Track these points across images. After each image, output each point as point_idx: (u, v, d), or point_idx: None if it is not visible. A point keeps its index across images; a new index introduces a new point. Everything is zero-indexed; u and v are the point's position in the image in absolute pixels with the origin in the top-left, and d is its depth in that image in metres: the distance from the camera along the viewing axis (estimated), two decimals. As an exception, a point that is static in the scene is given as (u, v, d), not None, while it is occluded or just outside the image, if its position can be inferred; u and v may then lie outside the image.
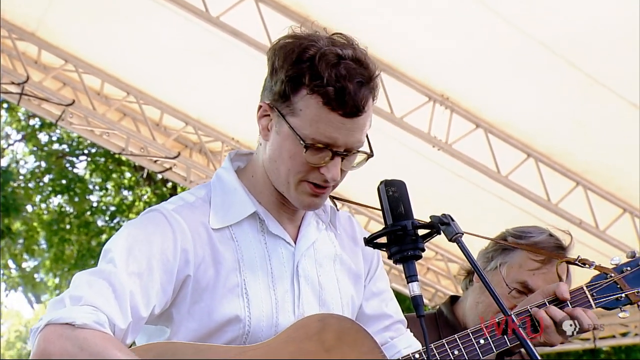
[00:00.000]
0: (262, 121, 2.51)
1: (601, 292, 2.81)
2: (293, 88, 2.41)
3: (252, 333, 2.47)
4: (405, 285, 2.36)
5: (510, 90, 7.38)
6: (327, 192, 2.52)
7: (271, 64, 2.47)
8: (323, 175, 2.45)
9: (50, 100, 9.66)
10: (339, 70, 2.37)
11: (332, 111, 2.38)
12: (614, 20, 6.28)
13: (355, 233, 2.78)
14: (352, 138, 2.43)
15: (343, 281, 2.68)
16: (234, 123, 9.61)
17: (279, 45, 2.47)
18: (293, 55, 2.41)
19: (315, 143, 2.40)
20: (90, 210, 19.46)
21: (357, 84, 2.38)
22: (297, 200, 2.52)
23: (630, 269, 2.86)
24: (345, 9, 7.10)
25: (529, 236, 3.39)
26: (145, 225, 2.48)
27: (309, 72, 2.38)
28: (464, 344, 2.61)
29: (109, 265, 2.37)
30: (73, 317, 2.24)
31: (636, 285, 2.83)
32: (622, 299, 2.82)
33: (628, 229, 8.14)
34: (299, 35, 2.47)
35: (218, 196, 2.57)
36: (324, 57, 2.38)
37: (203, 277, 2.46)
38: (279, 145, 2.47)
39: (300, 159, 2.43)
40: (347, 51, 2.41)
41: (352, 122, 2.40)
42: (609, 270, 2.85)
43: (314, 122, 2.39)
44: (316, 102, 2.38)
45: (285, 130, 2.43)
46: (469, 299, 3.50)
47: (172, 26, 8.02)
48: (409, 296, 2.33)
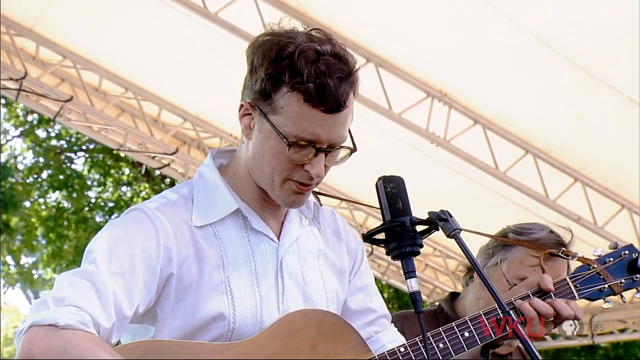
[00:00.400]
0: (244, 120, 2.51)
1: (584, 283, 2.82)
2: (273, 86, 2.41)
3: (237, 330, 2.47)
4: (404, 281, 2.37)
5: (508, 87, 7.37)
6: (311, 189, 2.52)
7: (250, 62, 2.47)
8: (307, 172, 2.44)
9: (48, 96, 9.65)
10: (318, 66, 2.37)
11: (314, 108, 2.38)
12: (613, 17, 6.28)
13: (339, 228, 2.78)
14: (335, 133, 2.42)
15: (327, 276, 2.68)
16: (232, 119, 9.50)
17: (257, 42, 2.47)
18: (272, 52, 2.41)
19: (298, 140, 2.40)
20: (89, 206, 19.46)
21: (337, 80, 2.38)
22: (280, 199, 2.51)
23: (613, 259, 2.88)
24: (343, 5, 7.10)
25: (530, 233, 3.40)
26: (127, 224, 2.47)
27: (288, 70, 2.38)
28: (448, 336, 2.62)
29: (91, 266, 2.36)
30: (57, 317, 2.24)
31: (619, 276, 2.85)
32: (605, 289, 2.83)
33: (626, 225, 8.15)
34: (277, 32, 2.47)
35: (200, 194, 2.57)
36: (302, 54, 2.38)
37: (187, 275, 2.46)
38: (261, 143, 2.46)
39: (283, 157, 2.43)
40: (325, 47, 2.41)
41: (334, 117, 2.40)
42: (591, 262, 2.86)
43: (296, 120, 2.39)
44: (297, 99, 2.38)
45: (268, 129, 2.43)
46: (470, 295, 3.51)
47: (170, 22, 8.02)
48: (408, 292, 2.33)
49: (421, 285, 10.67)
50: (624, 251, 2.91)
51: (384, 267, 11.32)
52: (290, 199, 2.51)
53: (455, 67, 7.39)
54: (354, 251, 2.79)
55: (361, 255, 2.81)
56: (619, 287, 2.84)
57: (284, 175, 2.46)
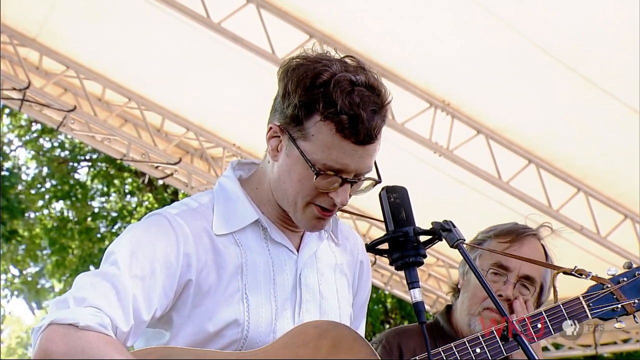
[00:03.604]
0: (272, 142, 2.51)
1: (598, 302, 2.82)
2: (306, 113, 2.41)
3: (250, 338, 2.48)
4: (407, 291, 2.36)
5: (511, 96, 7.37)
6: (332, 215, 2.53)
7: (283, 86, 2.47)
8: (332, 199, 2.46)
9: (51, 106, 9.67)
10: (352, 97, 2.38)
11: (345, 139, 2.39)
12: (615, 26, 6.28)
13: (355, 245, 2.79)
14: (363, 164, 2.44)
15: (342, 291, 2.70)
16: (235, 129, 9.61)
17: (291, 66, 2.47)
18: (306, 80, 2.41)
19: (326, 169, 2.41)
20: (92, 216, 19.46)
21: (370, 112, 2.40)
22: (302, 222, 2.53)
23: (627, 279, 2.87)
24: (346, 15, 7.11)
25: (497, 227, 3.45)
26: (148, 228, 2.49)
27: (322, 99, 2.38)
28: (460, 352, 2.62)
29: (112, 268, 2.38)
30: (77, 318, 2.25)
31: (632, 296, 2.85)
32: (618, 309, 2.83)
33: (629, 235, 8.14)
34: (311, 58, 2.47)
35: (221, 203, 2.58)
36: (338, 84, 2.38)
37: (205, 282, 2.48)
38: (288, 167, 2.47)
39: (309, 183, 2.44)
40: (360, 77, 2.42)
41: (364, 149, 2.42)
42: (605, 281, 2.86)
43: (326, 149, 2.40)
44: (329, 128, 2.39)
45: (296, 154, 2.44)
46: (458, 305, 3.52)
47: (173, 32, 8.03)
48: (411, 302, 2.33)
49: (424, 295, 10.64)
50: (638, 271, 2.90)
51: (387, 277, 11.31)
52: (311, 223, 2.52)
53: (458, 77, 7.40)
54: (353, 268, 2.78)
55: (359, 271, 2.80)
56: (632, 307, 2.85)
57: (307, 199, 2.47)
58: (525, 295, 3.33)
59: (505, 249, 3.31)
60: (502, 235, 3.38)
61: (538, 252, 3.38)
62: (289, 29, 7.22)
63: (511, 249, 3.33)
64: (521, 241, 3.35)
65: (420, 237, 2.43)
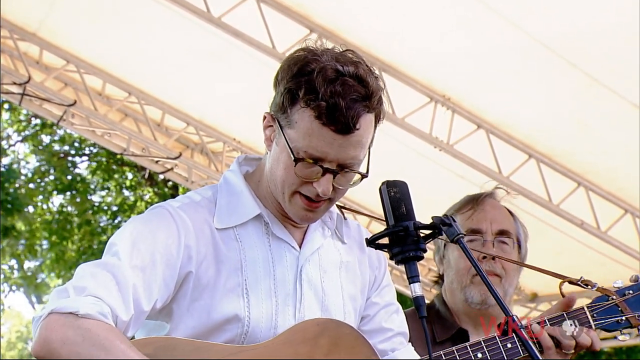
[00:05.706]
0: (266, 131, 2.54)
1: (602, 313, 2.82)
2: (291, 101, 2.43)
3: (251, 333, 2.49)
4: (407, 286, 2.37)
5: (512, 91, 7.37)
6: (322, 207, 2.53)
7: (276, 75, 2.50)
8: (315, 189, 2.45)
9: (51, 101, 9.67)
10: (334, 86, 2.38)
11: (324, 126, 2.39)
12: (615, 21, 6.28)
13: (363, 241, 2.76)
14: (344, 154, 2.43)
15: (348, 289, 2.68)
16: (236, 123, 9.61)
17: (288, 57, 2.50)
18: (295, 68, 2.44)
19: (306, 157, 2.41)
20: (92, 210, 19.46)
21: (350, 101, 2.39)
22: (292, 212, 2.53)
23: (633, 292, 2.86)
24: (346, 10, 7.11)
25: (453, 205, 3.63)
26: (150, 220, 2.51)
27: (305, 86, 2.40)
28: (461, 356, 2.62)
29: (113, 258, 2.40)
30: (77, 306, 2.26)
31: (638, 309, 2.84)
32: (622, 321, 2.82)
33: (629, 230, 8.14)
34: (308, 49, 2.49)
35: (224, 197, 2.59)
36: (322, 72, 2.40)
37: (204, 275, 2.49)
38: (277, 156, 2.49)
39: (292, 171, 2.45)
40: (349, 68, 2.42)
41: (344, 138, 2.41)
42: (611, 293, 2.85)
43: (307, 136, 2.41)
44: (309, 115, 2.40)
45: (282, 142, 2.46)
46: (447, 287, 3.55)
47: (173, 27, 8.03)
48: (411, 297, 2.34)
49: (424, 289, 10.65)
50: None
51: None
52: (300, 213, 2.52)
53: (459, 72, 7.39)
54: (375, 265, 2.78)
55: (383, 272, 2.80)
56: (637, 320, 2.83)
57: (292, 188, 2.48)
58: (506, 251, 3.42)
59: (469, 217, 3.46)
60: (462, 207, 3.52)
61: (501, 209, 3.53)
62: (289, 24, 7.22)
63: (475, 214, 3.46)
64: (481, 204, 3.50)
65: (421, 232, 2.42)
